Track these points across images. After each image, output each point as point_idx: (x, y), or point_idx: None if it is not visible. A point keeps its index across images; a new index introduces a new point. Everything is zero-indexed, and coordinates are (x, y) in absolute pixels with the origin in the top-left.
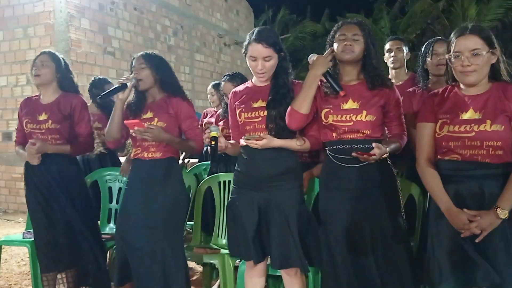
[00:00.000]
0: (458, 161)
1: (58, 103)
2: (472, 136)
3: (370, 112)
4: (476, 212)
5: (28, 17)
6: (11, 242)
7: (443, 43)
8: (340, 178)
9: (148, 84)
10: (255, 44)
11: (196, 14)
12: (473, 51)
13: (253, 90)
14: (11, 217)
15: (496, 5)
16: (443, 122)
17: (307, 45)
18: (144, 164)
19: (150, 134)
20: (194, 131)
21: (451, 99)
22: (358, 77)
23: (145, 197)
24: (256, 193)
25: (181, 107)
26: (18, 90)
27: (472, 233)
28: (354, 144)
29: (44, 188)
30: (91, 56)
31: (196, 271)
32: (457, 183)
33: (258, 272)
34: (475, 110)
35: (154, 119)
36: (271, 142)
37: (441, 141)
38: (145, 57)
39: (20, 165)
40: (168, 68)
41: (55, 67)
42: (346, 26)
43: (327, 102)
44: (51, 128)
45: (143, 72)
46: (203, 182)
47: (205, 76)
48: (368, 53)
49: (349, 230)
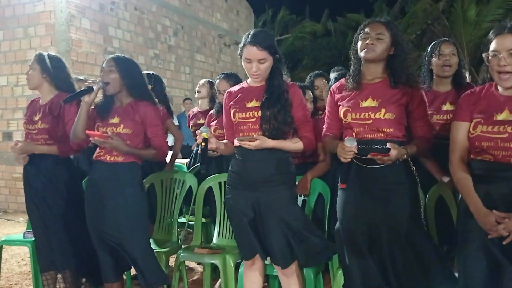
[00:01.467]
0: (490, 161)
1: (51, 104)
2: (505, 137)
3: (389, 109)
4: (505, 214)
5: (29, 16)
6: (12, 242)
7: (449, 44)
8: (359, 179)
9: (116, 88)
10: (250, 46)
11: (197, 14)
12: (511, 50)
13: (248, 90)
14: (11, 216)
15: (496, 6)
16: (477, 121)
17: (307, 45)
18: (104, 166)
19: (109, 145)
20: (158, 139)
21: (486, 99)
22: (381, 75)
23: (103, 200)
24: (250, 193)
25: (148, 114)
26: (18, 89)
27: (499, 235)
28: (374, 144)
29: (37, 188)
30: (92, 56)
31: (197, 271)
32: (488, 183)
33: (256, 271)
34: (510, 111)
35: (120, 125)
36: (264, 143)
37: (474, 141)
38: (115, 60)
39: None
40: (137, 72)
41: (39, 69)
42: (372, 24)
43: (346, 100)
44: (41, 128)
45: (111, 75)
46: (203, 183)
47: (205, 76)
48: (396, 52)
49: (366, 231)
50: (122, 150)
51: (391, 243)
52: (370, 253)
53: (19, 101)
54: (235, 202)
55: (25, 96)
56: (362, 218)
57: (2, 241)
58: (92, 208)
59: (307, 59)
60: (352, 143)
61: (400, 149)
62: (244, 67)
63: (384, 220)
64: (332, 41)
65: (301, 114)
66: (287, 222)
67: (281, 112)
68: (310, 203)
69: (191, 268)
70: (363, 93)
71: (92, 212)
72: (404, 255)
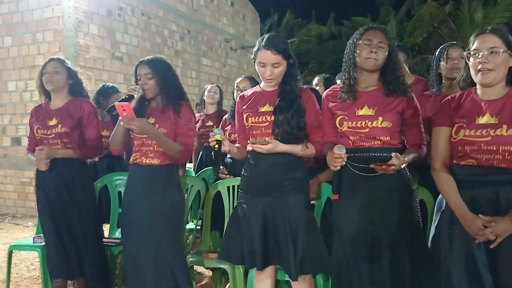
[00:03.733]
0: (473, 166)
1: (68, 108)
2: (488, 141)
3: (386, 118)
4: (491, 218)
5: (37, 22)
6: (22, 247)
7: (457, 47)
8: (356, 187)
9: (155, 92)
10: (264, 50)
11: (203, 19)
12: (491, 49)
13: (261, 94)
14: (20, 221)
15: (503, 8)
16: (459, 126)
17: (313, 49)
18: (142, 169)
19: (137, 123)
20: (186, 138)
21: (467, 104)
22: (376, 83)
23: (143, 204)
24: (262, 198)
25: (182, 114)
26: (27, 95)
27: (486, 239)
28: (371, 152)
29: (53, 195)
30: (99, 61)
31: (205, 276)
32: (473, 188)
33: (267, 276)
34: (491, 115)
35: (156, 125)
36: (277, 147)
37: (457, 145)
38: (150, 65)
39: (29, 170)
40: (172, 73)
41: (67, 74)
42: (373, 32)
43: (342, 109)
44: (61, 133)
45: (149, 82)
46: (212, 187)
47: (211, 80)
48: (391, 61)
49: (363, 239)
50: (149, 131)
51: (390, 252)
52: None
53: (27, 107)
54: (247, 207)
55: (34, 101)
56: (361, 227)
57: (13, 246)
58: (130, 212)
59: (313, 63)
60: (341, 150)
61: (402, 158)
62: (257, 71)
63: (382, 228)
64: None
65: (314, 119)
66: (300, 228)
67: (294, 117)
68: (318, 207)
69: (200, 272)
70: (358, 101)
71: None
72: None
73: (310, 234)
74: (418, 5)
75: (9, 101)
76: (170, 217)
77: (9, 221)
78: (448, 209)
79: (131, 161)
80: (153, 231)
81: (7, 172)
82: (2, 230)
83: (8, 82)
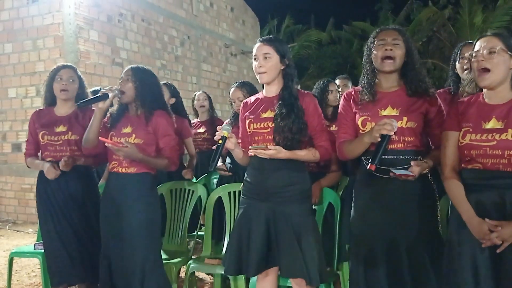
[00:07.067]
0: (480, 170)
1: (76, 115)
2: (493, 145)
3: (410, 118)
4: (497, 222)
5: (37, 29)
6: (23, 253)
7: (470, 47)
8: (377, 189)
9: (130, 97)
10: (257, 44)
11: (203, 24)
12: (490, 49)
13: (263, 101)
14: (20, 228)
15: (502, 12)
16: (465, 130)
17: (313, 54)
18: (118, 178)
19: (122, 152)
20: (170, 150)
21: (474, 108)
22: (398, 84)
23: (117, 211)
24: (265, 203)
25: (160, 124)
26: (27, 101)
27: (493, 243)
28: (393, 155)
29: (58, 203)
30: (100, 67)
31: (207, 282)
32: (479, 192)
33: (269, 283)
34: (497, 119)
35: (132, 135)
36: (280, 153)
37: (464, 149)
38: (133, 70)
39: (29, 176)
40: (154, 83)
41: (78, 83)
42: (385, 31)
43: (364, 110)
44: (70, 140)
45: (127, 85)
46: (213, 193)
47: (212, 85)
48: (410, 59)
49: (382, 243)
50: (136, 157)
51: (409, 254)
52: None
53: (28, 113)
54: (250, 212)
55: (34, 107)
56: (377, 229)
57: (13, 253)
58: (106, 220)
59: (312, 68)
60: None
61: (422, 163)
62: (254, 70)
63: (401, 231)
64: (338, 49)
65: (317, 123)
66: (303, 233)
67: (295, 122)
68: (320, 212)
69: (201, 278)
70: (381, 102)
71: (106, 224)
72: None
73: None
74: (418, 10)
75: (9, 108)
76: (145, 227)
77: (10, 228)
78: (457, 214)
79: (109, 169)
80: (128, 239)
81: (7, 179)
82: (2, 236)
83: (8, 88)
